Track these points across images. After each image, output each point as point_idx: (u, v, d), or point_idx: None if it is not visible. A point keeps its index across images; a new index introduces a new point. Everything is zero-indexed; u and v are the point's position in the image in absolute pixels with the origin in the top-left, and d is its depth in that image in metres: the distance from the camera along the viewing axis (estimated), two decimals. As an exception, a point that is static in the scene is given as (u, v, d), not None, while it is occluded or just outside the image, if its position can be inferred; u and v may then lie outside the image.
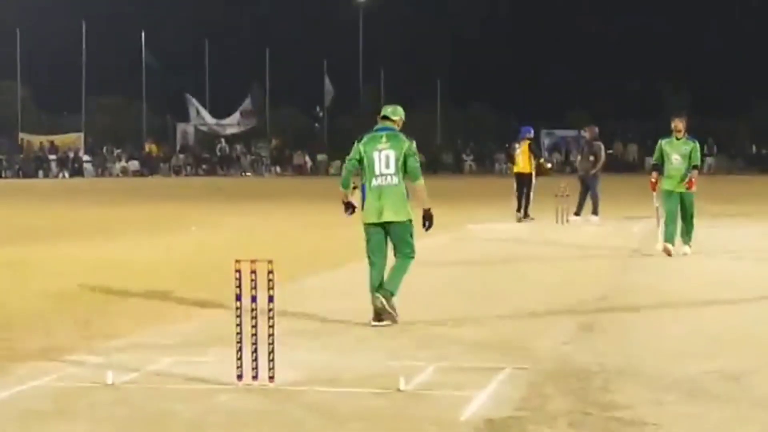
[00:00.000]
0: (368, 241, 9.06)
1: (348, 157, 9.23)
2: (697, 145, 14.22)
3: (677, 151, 14.10)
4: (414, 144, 9.19)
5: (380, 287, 8.85)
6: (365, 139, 9.18)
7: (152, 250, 15.38)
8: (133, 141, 58.26)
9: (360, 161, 9.11)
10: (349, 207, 9.30)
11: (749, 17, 64.19)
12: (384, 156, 9.04)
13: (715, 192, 32.03)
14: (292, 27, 67.97)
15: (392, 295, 8.86)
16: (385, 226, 9.01)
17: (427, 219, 9.13)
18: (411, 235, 9.08)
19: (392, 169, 9.01)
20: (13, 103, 57.35)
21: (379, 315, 8.79)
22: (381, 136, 9.12)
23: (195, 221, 21.10)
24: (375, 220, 9.01)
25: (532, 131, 21.64)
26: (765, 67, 59.57)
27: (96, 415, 5.98)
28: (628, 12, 67.82)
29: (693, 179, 13.99)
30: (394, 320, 8.79)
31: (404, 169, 9.01)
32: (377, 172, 9.03)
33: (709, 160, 55.59)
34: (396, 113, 9.32)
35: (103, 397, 6.35)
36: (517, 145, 21.29)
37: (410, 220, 9.04)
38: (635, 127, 59.48)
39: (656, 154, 14.41)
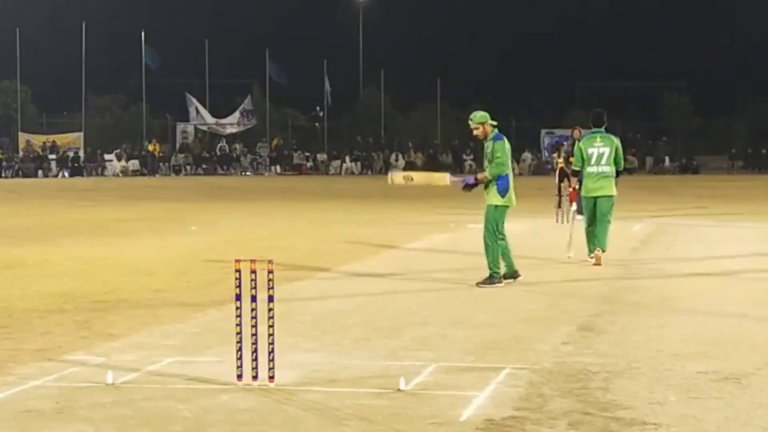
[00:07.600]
0: (586, 209, 13.22)
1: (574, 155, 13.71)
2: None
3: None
4: (618, 140, 13.08)
5: (595, 244, 12.91)
6: (584, 140, 13.35)
7: (152, 250, 15.38)
8: (133, 141, 58.15)
9: (581, 156, 13.09)
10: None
11: (749, 16, 64.16)
12: (599, 151, 12.95)
13: (716, 192, 32.02)
14: (291, 27, 67.99)
15: (604, 251, 12.88)
16: (595, 200, 12.99)
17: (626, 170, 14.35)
18: (611, 206, 13.02)
19: (604, 161, 12.93)
20: (13, 103, 57.26)
21: (599, 261, 12.82)
22: (596, 137, 13.11)
23: (195, 221, 21.10)
24: (586, 195, 13.12)
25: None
26: (765, 67, 59.52)
27: (96, 415, 5.97)
28: (628, 11, 67.86)
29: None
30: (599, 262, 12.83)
31: (615, 159, 12.94)
32: (593, 162, 12.97)
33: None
34: (598, 123, 13.19)
35: (103, 397, 6.35)
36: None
37: (612, 195, 13.01)
38: (635, 127, 59.40)
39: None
